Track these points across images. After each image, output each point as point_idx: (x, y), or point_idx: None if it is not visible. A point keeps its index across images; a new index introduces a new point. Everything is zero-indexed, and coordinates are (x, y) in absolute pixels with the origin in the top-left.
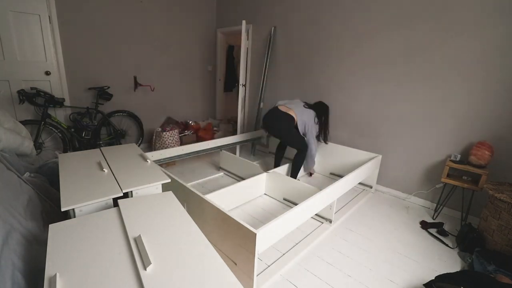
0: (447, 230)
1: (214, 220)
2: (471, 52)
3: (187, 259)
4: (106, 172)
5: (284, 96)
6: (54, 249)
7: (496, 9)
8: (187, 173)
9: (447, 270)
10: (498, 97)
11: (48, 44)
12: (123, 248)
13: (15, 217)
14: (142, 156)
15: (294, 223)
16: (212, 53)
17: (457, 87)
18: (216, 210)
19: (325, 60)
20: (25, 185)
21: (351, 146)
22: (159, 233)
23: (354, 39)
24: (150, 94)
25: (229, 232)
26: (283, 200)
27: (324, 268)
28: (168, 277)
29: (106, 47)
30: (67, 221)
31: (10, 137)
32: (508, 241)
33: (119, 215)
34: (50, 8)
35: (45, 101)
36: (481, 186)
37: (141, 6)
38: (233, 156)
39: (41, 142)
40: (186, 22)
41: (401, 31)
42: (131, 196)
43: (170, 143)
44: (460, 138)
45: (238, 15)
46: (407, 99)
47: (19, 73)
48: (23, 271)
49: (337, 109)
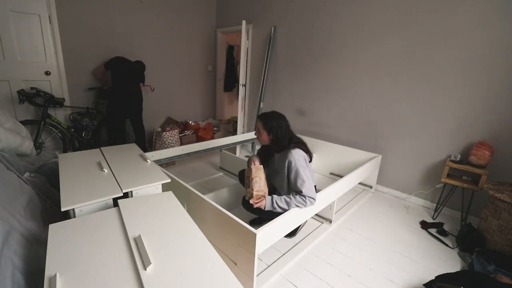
0: (447, 230)
1: (214, 220)
2: (471, 52)
3: (187, 259)
4: (106, 172)
5: (284, 96)
6: (54, 249)
7: (497, 9)
8: (187, 173)
9: (447, 270)
10: (498, 97)
11: (48, 44)
12: (123, 248)
13: (15, 217)
14: (142, 156)
15: (294, 223)
16: (212, 53)
17: (457, 87)
18: (216, 210)
19: (325, 60)
20: (25, 185)
21: (351, 146)
22: (159, 233)
23: (354, 38)
24: (150, 94)
25: (229, 232)
26: None
27: (324, 268)
28: (168, 277)
29: (106, 47)
30: (67, 221)
31: (10, 137)
32: (508, 241)
33: (119, 215)
34: (50, 8)
35: (45, 101)
36: (481, 186)
37: (141, 6)
38: (233, 156)
39: (41, 142)
40: (186, 22)
41: (401, 31)
42: (131, 196)
43: (170, 143)
44: (460, 138)
45: (238, 15)
46: (407, 99)
47: (19, 73)
48: (23, 271)
49: (337, 108)
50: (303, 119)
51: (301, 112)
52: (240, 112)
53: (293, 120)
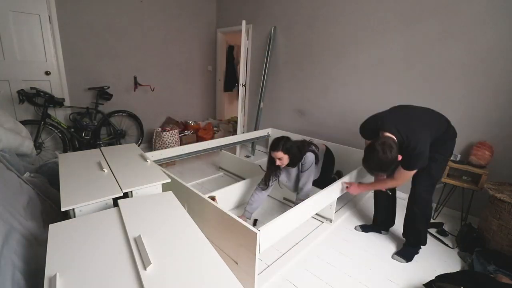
0: (447, 230)
1: (215, 220)
2: (471, 52)
3: (187, 259)
4: (106, 172)
5: (284, 96)
6: (54, 249)
7: (497, 9)
8: (187, 173)
9: (447, 270)
10: (498, 97)
11: (48, 44)
12: (123, 248)
13: (15, 217)
14: (142, 156)
15: (295, 222)
16: (212, 53)
17: (457, 87)
18: (216, 210)
19: (325, 60)
20: (25, 185)
21: (351, 145)
22: (159, 233)
23: (354, 38)
24: (150, 94)
25: (229, 232)
26: (284, 200)
27: (324, 268)
28: (168, 277)
29: (106, 47)
30: (67, 221)
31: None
32: (508, 241)
33: (119, 215)
34: (50, 8)
35: (45, 101)
36: (481, 186)
37: (141, 6)
38: (232, 156)
39: (41, 142)
40: (186, 22)
41: (401, 32)
42: (131, 196)
43: (170, 143)
44: (460, 138)
45: (238, 15)
46: (408, 99)
47: (19, 73)
48: (23, 271)
49: (337, 108)
50: (303, 119)
51: (301, 112)
52: (240, 112)
53: (293, 120)
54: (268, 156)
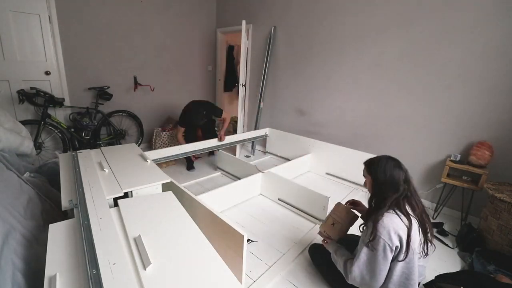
0: (447, 230)
1: (205, 221)
2: (471, 52)
3: (187, 259)
4: (107, 171)
5: (284, 96)
6: (54, 249)
7: (496, 10)
8: (187, 173)
9: (447, 270)
10: (498, 97)
11: (48, 44)
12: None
13: (15, 217)
14: (142, 156)
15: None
16: (212, 53)
17: (457, 87)
18: (207, 211)
19: (325, 60)
20: (25, 185)
21: (349, 146)
22: (159, 233)
23: (354, 39)
24: (150, 94)
25: (218, 233)
26: (278, 201)
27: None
28: (168, 277)
29: (106, 47)
30: (67, 221)
31: (10, 137)
32: (508, 241)
33: (119, 215)
34: (50, 8)
35: (45, 101)
36: (481, 186)
37: (141, 6)
38: (229, 156)
39: (41, 142)
40: (186, 22)
41: (401, 32)
42: (131, 196)
43: (170, 143)
44: (460, 138)
45: (238, 15)
46: (407, 99)
47: (19, 73)
48: (23, 271)
49: (336, 108)
50: (303, 119)
51: (301, 112)
52: (240, 112)
53: (293, 120)
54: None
